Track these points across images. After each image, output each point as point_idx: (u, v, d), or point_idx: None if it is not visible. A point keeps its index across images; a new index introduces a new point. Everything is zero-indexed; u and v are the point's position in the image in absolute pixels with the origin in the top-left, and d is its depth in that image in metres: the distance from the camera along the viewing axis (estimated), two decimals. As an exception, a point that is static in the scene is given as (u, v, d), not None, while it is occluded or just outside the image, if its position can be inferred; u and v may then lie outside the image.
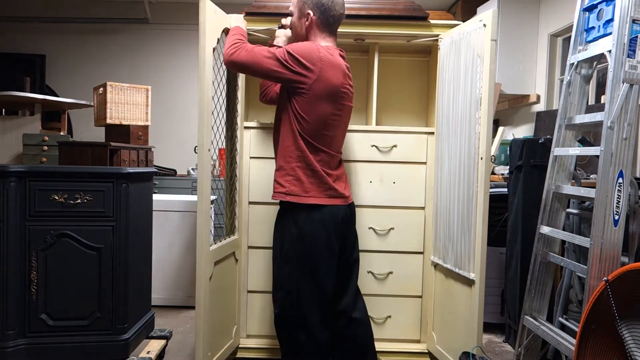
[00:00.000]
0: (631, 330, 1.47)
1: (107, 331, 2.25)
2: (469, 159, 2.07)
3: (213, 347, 2.10)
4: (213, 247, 2.07)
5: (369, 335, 2.05)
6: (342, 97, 1.86)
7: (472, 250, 2.04)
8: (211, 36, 1.92)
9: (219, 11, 2.00)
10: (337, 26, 1.93)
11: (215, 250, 2.07)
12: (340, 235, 1.90)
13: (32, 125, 3.82)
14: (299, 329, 1.86)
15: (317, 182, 1.84)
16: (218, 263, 2.12)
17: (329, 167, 1.89)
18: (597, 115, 1.85)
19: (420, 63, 2.67)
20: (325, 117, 1.83)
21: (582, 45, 2.03)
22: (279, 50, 1.78)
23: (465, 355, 2.04)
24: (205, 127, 1.91)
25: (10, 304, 2.13)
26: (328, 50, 1.83)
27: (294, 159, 1.83)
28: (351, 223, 1.99)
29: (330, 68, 1.80)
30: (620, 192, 1.74)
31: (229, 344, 2.28)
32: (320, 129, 1.84)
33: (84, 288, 2.22)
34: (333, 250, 1.87)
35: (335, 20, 1.90)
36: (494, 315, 2.95)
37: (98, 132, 4.14)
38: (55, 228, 2.18)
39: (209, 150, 1.95)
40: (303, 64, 1.76)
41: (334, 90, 1.82)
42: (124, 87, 3.55)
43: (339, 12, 1.90)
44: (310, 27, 1.89)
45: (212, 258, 2.05)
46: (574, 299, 2.22)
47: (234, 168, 2.34)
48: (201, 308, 1.95)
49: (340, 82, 1.83)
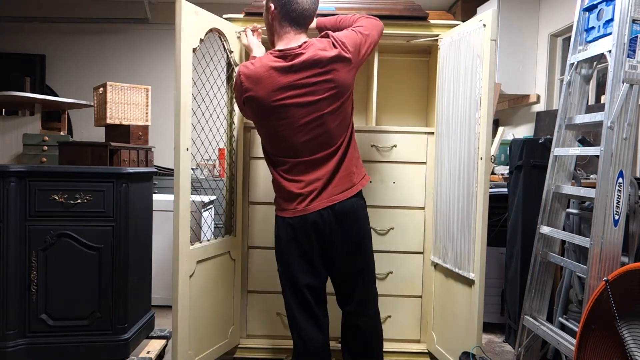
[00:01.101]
0: (631, 330, 1.47)
1: (107, 331, 2.25)
2: (468, 159, 2.07)
3: (197, 346, 2.10)
4: (196, 246, 2.07)
5: (374, 344, 2.00)
6: (279, 110, 1.78)
7: (472, 250, 2.04)
8: (191, 37, 1.95)
9: (202, 11, 2.01)
10: (305, 20, 1.84)
11: (198, 250, 2.08)
12: (321, 239, 1.83)
13: (32, 125, 3.82)
14: (291, 326, 1.91)
15: (279, 194, 1.89)
16: (203, 262, 2.12)
17: (300, 174, 1.82)
18: (597, 115, 1.85)
19: (420, 63, 2.67)
20: (270, 131, 1.82)
21: (582, 45, 2.03)
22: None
23: (465, 355, 2.04)
24: (182, 127, 1.92)
25: (10, 304, 2.13)
26: (262, 64, 1.77)
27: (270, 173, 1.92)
28: (336, 229, 1.82)
29: (256, 85, 1.77)
30: (620, 192, 1.74)
31: (221, 343, 2.27)
32: (273, 142, 1.84)
33: (84, 288, 2.22)
34: (303, 249, 1.83)
35: (299, 15, 1.81)
36: (494, 315, 2.95)
37: (98, 132, 4.14)
38: (55, 228, 2.19)
39: (187, 149, 1.95)
40: (237, 97, 1.87)
41: (264, 107, 1.78)
42: (124, 87, 3.55)
43: (302, 7, 1.81)
44: (273, 20, 1.85)
45: (194, 257, 2.05)
46: (574, 299, 2.23)
47: (231, 168, 2.34)
48: (177, 304, 1.96)
49: (269, 97, 1.76)
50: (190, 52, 1.94)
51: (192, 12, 1.95)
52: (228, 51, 2.22)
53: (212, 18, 2.09)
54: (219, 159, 3.51)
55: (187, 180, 1.98)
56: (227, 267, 2.31)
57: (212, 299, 2.21)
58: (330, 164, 1.82)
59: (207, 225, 3.12)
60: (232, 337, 2.35)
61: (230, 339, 2.33)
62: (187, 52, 1.93)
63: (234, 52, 2.22)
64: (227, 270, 2.31)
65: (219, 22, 2.14)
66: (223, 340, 2.30)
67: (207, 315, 2.18)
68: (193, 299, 2.06)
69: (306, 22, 1.85)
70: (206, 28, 2.05)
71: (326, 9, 2.29)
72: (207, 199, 3.26)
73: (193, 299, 2.06)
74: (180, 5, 1.89)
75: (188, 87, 1.95)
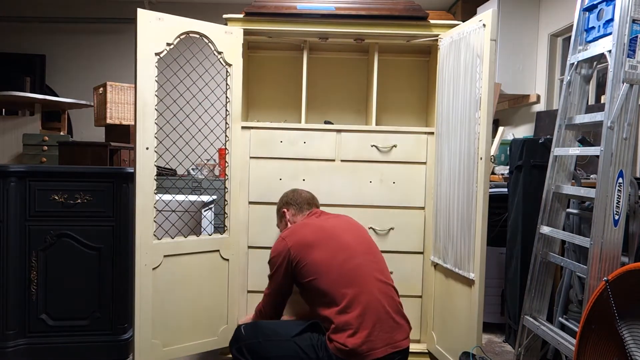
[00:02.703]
0: (631, 330, 1.47)
1: (107, 331, 2.25)
2: (468, 159, 2.07)
3: (166, 337, 2.12)
4: (164, 241, 2.11)
5: None
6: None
7: (471, 250, 2.04)
8: (154, 42, 2.04)
9: (169, 17, 2.09)
10: (310, 205, 2.20)
11: (166, 245, 2.11)
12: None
13: (32, 125, 3.82)
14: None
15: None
16: (174, 256, 2.14)
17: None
18: (597, 115, 1.85)
19: (420, 63, 2.67)
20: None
21: (582, 45, 2.03)
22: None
23: (465, 355, 2.04)
24: (142, 128, 2.01)
25: (10, 304, 2.13)
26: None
27: None
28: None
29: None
30: (620, 192, 1.74)
31: (204, 340, 2.26)
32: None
33: (84, 288, 2.22)
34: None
35: (305, 200, 2.19)
36: (494, 315, 2.95)
37: (98, 132, 4.14)
38: (55, 228, 2.19)
39: (147, 148, 2.03)
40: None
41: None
42: (124, 87, 3.55)
43: (305, 196, 2.20)
44: (289, 220, 2.18)
45: (159, 251, 2.08)
46: (574, 299, 2.22)
47: (226, 168, 2.33)
48: (138, 292, 2.02)
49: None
50: (152, 56, 2.04)
51: (154, 19, 2.05)
52: (216, 52, 2.22)
53: (184, 22, 2.13)
54: (219, 159, 3.51)
55: (149, 177, 2.03)
56: (217, 265, 2.28)
57: (191, 294, 2.20)
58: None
59: (207, 224, 3.11)
60: (224, 336, 2.32)
61: (220, 338, 2.31)
62: (148, 56, 2.03)
63: (223, 52, 2.22)
64: (217, 269, 2.29)
65: (195, 24, 2.16)
66: (209, 337, 2.28)
67: (183, 309, 2.18)
68: (160, 291, 2.09)
69: (314, 203, 2.27)
70: (176, 32, 2.10)
71: (326, 9, 2.29)
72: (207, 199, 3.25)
73: (160, 290, 2.09)
74: (137, 13, 2.00)
75: (150, 89, 2.04)
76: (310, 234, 1.99)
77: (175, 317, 2.15)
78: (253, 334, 1.94)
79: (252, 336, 1.93)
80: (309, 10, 2.29)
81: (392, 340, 1.83)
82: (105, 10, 5.73)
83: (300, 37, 2.40)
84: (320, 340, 1.85)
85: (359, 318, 1.80)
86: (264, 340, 1.90)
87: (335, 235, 2.00)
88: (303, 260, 1.93)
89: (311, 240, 1.96)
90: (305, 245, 1.95)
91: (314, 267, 1.91)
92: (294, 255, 1.95)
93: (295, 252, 1.95)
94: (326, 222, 2.08)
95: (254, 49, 2.66)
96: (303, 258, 1.93)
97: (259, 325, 1.99)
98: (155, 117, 2.06)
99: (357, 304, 1.82)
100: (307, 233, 2.00)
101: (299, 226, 2.07)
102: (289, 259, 1.95)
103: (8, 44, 5.77)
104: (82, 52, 5.82)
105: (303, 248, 1.95)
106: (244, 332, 1.96)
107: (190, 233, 2.24)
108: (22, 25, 5.77)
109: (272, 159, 2.37)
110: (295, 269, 1.95)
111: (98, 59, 5.81)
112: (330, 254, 1.93)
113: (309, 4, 2.33)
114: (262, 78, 2.70)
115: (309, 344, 1.84)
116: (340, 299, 1.84)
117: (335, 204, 2.36)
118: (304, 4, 2.33)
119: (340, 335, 1.79)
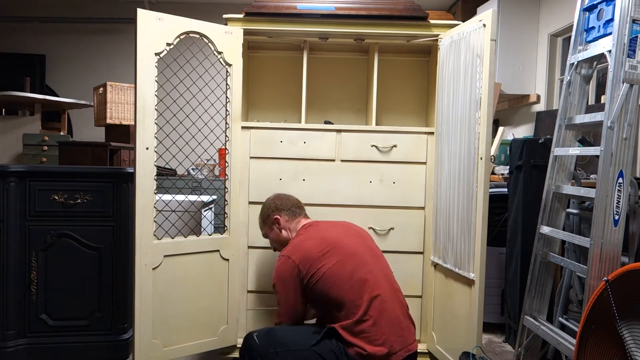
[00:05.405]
0: (631, 330, 1.47)
1: (107, 331, 2.25)
2: (468, 159, 2.07)
3: (166, 337, 2.12)
4: (164, 241, 2.10)
5: None
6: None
7: (471, 250, 2.04)
8: (154, 42, 2.04)
9: (169, 17, 2.08)
10: (300, 208, 2.17)
11: (166, 245, 2.11)
12: None
13: (32, 125, 3.82)
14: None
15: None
16: (174, 256, 2.14)
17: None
18: (597, 115, 1.85)
19: (420, 63, 2.67)
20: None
21: (582, 45, 2.03)
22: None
23: (465, 355, 2.04)
24: (142, 128, 2.01)
25: (10, 304, 2.13)
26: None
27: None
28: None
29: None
30: (620, 192, 1.74)
31: (205, 340, 2.26)
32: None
33: (84, 288, 2.22)
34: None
35: (294, 205, 2.15)
36: (494, 315, 2.95)
37: (98, 132, 4.14)
38: (55, 228, 2.19)
39: (147, 148, 2.03)
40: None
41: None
42: (124, 87, 3.55)
43: (293, 200, 2.17)
44: (284, 226, 2.11)
45: (159, 250, 2.08)
46: (574, 299, 2.22)
47: (226, 169, 2.33)
48: (138, 291, 2.02)
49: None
50: (152, 56, 2.04)
51: (154, 19, 2.04)
52: (216, 52, 2.22)
53: (184, 22, 2.13)
54: (219, 159, 3.51)
55: (149, 177, 2.03)
56: (217, 265, 2.28)
57: (191, 294, 2.20)
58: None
59: (207, 224, 3.11)
60: (224, 336, 2.32)
61: (220, 338, 2.30)
62: (148, 56, 2.02)
63: (223, 52, 2.22)
64: (217, 268, 2.28)
65: (195, 24, 2.16)
66: (209, 337, 2.28)
67: (183, 309, 2.18)
68: (160, 291, 2.09)
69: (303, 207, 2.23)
70: (176, 32, 2.09)
71: (326, 9, 2.29)
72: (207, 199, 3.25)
73: (160, 290, 2.09)
74: (137, 13, 2.00)
75: (150, 90, 2.04)
76: (314, 247, 1.95)
77: (175, 317, 2.15)
78: (267, 343, 1.86)
79: (267, 345, 1.85)
80: (309, 10, 2.29)
81: (406, 343, 1.87)
82: (105, 10, 5.73)
83: (300, 37, 2.40)
84: (339, 346, 1.83)
85: (376, 324, 1.82)
86: (284, 351, 1.83)
87: (340, 245, 1.96)
88: (315, 275, 1.89)
89: (317, 253, 1.92)
90: (312, 259, 1.91)
91: (326, 280, 1.88)
92: (304, 272, 1.90)
93: (305, 268, 1.90)
94: (327, 232, 2.04)
95: (254, 49, 2.66)
96: (315, 273, 1.89)
97: (273, 334, 1.89)
98: (155, 117, 2.06)
99: (373, 311, 1.83)
100: (311, 246, 1.95)
101: (300, 241, 2.01)
102: (299, 277, 1.91)
103: (8, 44, 5.77)
104: (82, 52, 5.82)
105: (311, 262, 1.90)
106: (258, 340, 1.87)
107: (190, 233, 2.24)
108: (22, 25, 5.77)
109: (272, 159, 2.37)
110: (307, 285, 1.90)
111: (98, 59, 5.81)
112: (339, 264, 1.90)
113: (309, 4, 2.33)
114: (262, 78, 2.70)
115: (328, 350, 1.82)
116: (356, 308, 1.84)
117: (335, 204, 2.36)
118: (304, 4, 2.33)
119: (360, 340, 1.81)
